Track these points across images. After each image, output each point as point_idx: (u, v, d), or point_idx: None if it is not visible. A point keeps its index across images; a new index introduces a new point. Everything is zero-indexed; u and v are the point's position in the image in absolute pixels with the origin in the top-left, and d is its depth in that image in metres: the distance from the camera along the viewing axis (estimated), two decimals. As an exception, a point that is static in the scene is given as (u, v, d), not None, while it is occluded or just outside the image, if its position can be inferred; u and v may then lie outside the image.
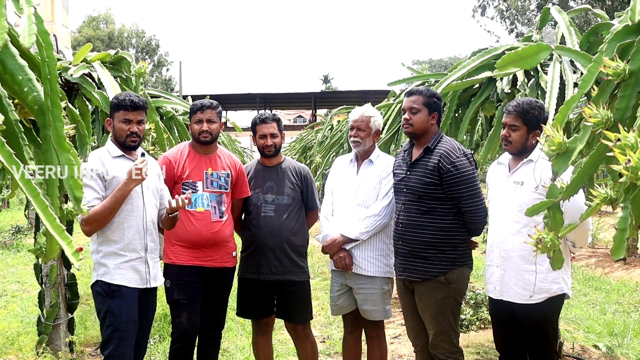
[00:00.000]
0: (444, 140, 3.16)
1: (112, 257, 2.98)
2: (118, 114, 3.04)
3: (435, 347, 3.15)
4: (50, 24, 10.78)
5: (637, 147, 1.46)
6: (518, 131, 2.86)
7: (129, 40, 45.86)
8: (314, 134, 12.60)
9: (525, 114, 2.82)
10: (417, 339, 3.34)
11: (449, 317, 3.12)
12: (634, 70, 1.69)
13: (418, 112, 3.15)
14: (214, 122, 3.44)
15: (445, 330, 3.11)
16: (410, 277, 3.16)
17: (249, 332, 4.22)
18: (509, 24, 27.53)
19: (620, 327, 5.34)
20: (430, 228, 3.09)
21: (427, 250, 3.09)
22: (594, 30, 3.09)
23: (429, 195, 3.09)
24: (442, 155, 3.06)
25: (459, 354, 3.17)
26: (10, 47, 1.45)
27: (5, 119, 1.49)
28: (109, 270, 2.97)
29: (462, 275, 3.15)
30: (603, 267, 8.33)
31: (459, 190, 3.04)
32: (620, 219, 1.62)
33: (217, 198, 3.44)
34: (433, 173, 3.07)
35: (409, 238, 3.15)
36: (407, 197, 3.17)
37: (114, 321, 2.95)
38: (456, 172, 3.02)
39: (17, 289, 7.37)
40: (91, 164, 2.94)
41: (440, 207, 3.09)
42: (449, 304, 3.11)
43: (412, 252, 3.14)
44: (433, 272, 3.09)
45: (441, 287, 3.09)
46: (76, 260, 1.53)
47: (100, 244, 2.98)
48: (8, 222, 13.53)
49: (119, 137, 3.06)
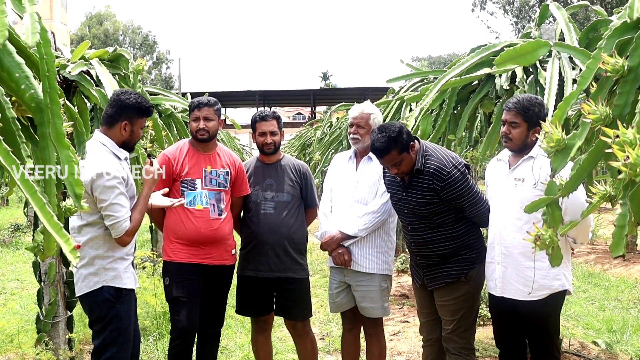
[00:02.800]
0: (429, 156, 3.05)
1: (120, 262, 2.92)
2: (141, 121, 3.00)
3: (448, 341, 3.16)
4: (49, 22, 10.77)
5: (636, 144, 1.46)
6: (518, 128, 2.85)
7: (129, 38, 45.77)
8: (313, 131, 12.59)
9: (525, 110, 2.81)
10: (429, 334, 3.35)
11: (469, 312, 3.14)
12: (633, 66, 1.68)
13: (394, 153, 2.96)
14: (212, 119, 3.42)
15: (462, 325, 3.13)
16: (439, 284, 3.16)
17: (249, 329, 4.23)
18: (513, 17, 27.44)
19: (619, 323, 5.35)
20: (444, 240, 3.10)
21: (447, 260, 3.12)
22: (593, 27, 3.08)
23: (432, 213, 3.09)
24: (434, 175, 3.00)
25: (470, 352, 3.17)
26: (7, 44, 1.44)
27: (2, 116, 1.48)
28: (119, 275, 2.90)
29: (480, 271, 3.17)
30: (602, 264, 8.34)
31: (459, 203, 3.05)
32: (619, 216, 1.62)
33: (216, 196, 3.43)
34: (430, 194, 3.04)
35: (426, 254, 3.17)
36: (410, 218, 3.18)
37: (120, 325, 2.90)
38: (451, 188, 3.00)
39: (16, 287, 7.37)
40: (117, 172, 2.82)
41: (447, 219, 3.09)
42: (468, 300, 3.14)
43: (433, 265, 3.16)
44: (456, 274, 3.11)
45: (462, 285, 3.12)
46: (74, 257, 1.53)
47: (109, 250, 2.88)
48: (7, 220, 13.53)
49: (131, 141, 3.00)
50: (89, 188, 2.76)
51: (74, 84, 3.55)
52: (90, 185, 2.76)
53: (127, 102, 2.92)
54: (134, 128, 2.97)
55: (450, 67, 3.58)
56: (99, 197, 2.77)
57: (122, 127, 2.94)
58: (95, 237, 2.86)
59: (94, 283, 2.87)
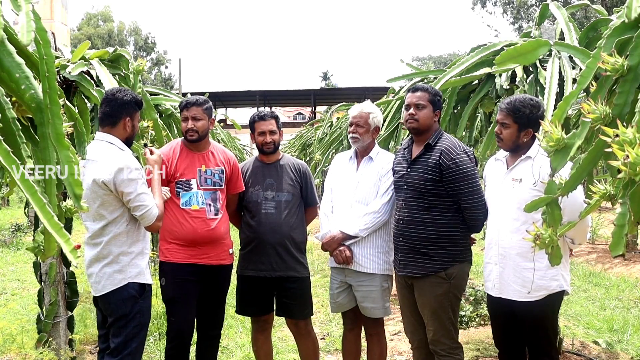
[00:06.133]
0: (444, 138, 3.16)
1: (141, 257, 2.99)
2: (138, 115, 3.10)
3: (435, 344, 3.15)
4: (49, 22, 10.76)
5: (636, 143, 1.45)
6: (509, 129, 2.89)
7: (130, 38, 45.78)
8: (314, 131, 12.59)
9: (516, 112, 2.84)
10: (414, 335, 3.35)
11: (449, 313, 3.12)
12: (633, 65, 1.68)
13: (424, 108, 3.15)
14: (200, 119, 3.40)
15: (445, 325, 3.12)
16: (411, 273, 3.16)
17: (249, 329, 4.23)
18: (512, 18, 27.43)
19: (619, 323, 5.35)
20: (431, 224, 3.09)
21: (428, 247, 3.10)
22: (593, 26, 3.08)
23: (429, 192, 3.09)
24: (443, 152, 3.06)
25: (459, 350, 3.18)
26: (6, 44, 1.44)
27: (3, 116, 1.48)
28: (142, 271, 2.97)
29: (462, 271, 3.15)
30: (603, 263, 8.34)
31: (458, 187, 3.04)
32: (618, 215, 1.62)
33: (211, 195, 3.43)
34: (434, 170, 3.07)
35: (409, 234, 3.15)
36: (407, 194, 3.18)
37: (142, 320, 2.98)
38: (456, 168, 3.02)
39: (16, 287, 7.38)
40: (137, 164, 2.95)
41: (441, 203, 3.09)
42: (449, 300, 3.12)
43: (413, 249, 3.14)
44: (434, 268, 3.09)
45: (441, 283, 3.10)
46: (74, 257, 1.53)
47: (132, 245, 2.94)
48: (8, 220, 13.54)
49: (132, 136, 3.08)
50: (112, 185, 2.82)
51: (74, 84, 3.55)
52: (112, 182, 2.82)
53: (124, 99, 3.00)
54: (135, 122, 3.07)
55: (450, 67, 3.58)
56: (125, 190, 2.84)
57: (126, 124, 3.01)
58: (119, 233, 2.91)
59: (119, 280, 2.92)
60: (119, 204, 2.88)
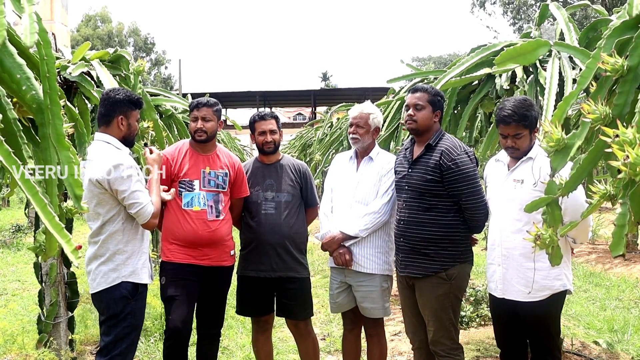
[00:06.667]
0: (445, 138, 3.17)
1: (137, 257, 2.99)
2: (135, 113, 3.08)
3: (435, 344, 3.15)
4: (50, 23, 10.76)
5: (636, 143, 1.46)
6: (522, 137, 2.87)
7: (129, 39, 45.77)
8: (314, 131, 12.59)
9: (524, 119, 2.82)
10: (415, 335, 3.35)
11: (449, 314, 3.12)
12: (632, 66, 1.68)
13: (423, 109, 3.15)
14: (210, 120, 3.42)
15: (446, 326, 3.12)
16: (412, 273, 3.16)
17: (249, 330, 4.23)
18: (512, 18, 27.45)
19: (620, 323, 5.35)
20: (432, 225, 3.09)
21: (429, 247, 3.10)
22: (593, 26, 3.08)
23: (430, 192, 3.10)
24: (443, 153, 3.06)
25: (459, 351, 3.18)
26: (8, 45, 1.44)
27: (4, 117, 1.49)
28: (136, 270, 2.97)
29: (462, 271, 3.16)
30: (603, 263, 8.34)
31: (459, 187, 3.04)
32: (618, 215, 1.62)
33: (214, 197, 3.43)
34: (434, 170, 3.07)
35: (410, 235, 3.15)
36: (408, 194, 3.18)
37: (134, 321, 2.96)
38: (457, 169, 3.02)
39: (17, 288, 7.38)
40: (132, 162, 2.95)
41: (442, 204, 3.09)
42: (450, 300, 3.12)
43: (414, 249, 3.14)
44: (434, 268, 3.09)
45: (442, 283, 3.10)
46: (75, 258, 1.53)
47: (128, 243, 2.95)
48: (8, 221, 13.56)
49: (130, 135, 3.07)
50: (106, 183, 2.83)
51: (74, 85, 3.56)
52: (106, 181, 2.82)
53: (117, 98, 3.01)
54: (130, 121, 3.05)
55: (450, 67, 3.59)
56: (119, 188, 2.84)
57: (120, 122, 3.01)
58: (115, 231, 2.93)
59: (112, 279, 2.92)
60: (115, 203, 2.89)
